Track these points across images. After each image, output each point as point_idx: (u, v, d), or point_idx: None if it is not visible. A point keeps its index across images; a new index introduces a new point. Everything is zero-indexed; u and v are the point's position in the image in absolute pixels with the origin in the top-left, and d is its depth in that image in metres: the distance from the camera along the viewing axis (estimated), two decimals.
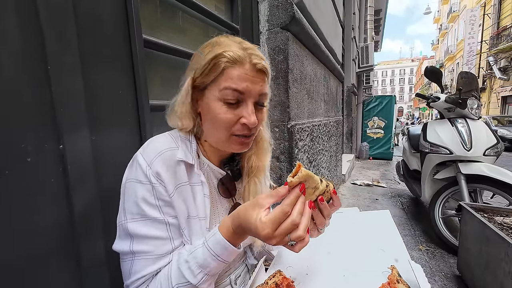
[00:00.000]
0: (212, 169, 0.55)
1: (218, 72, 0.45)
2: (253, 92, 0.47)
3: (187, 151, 0.49)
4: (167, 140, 0.49)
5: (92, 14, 0.60)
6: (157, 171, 0.44)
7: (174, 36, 0.97)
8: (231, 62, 0.45)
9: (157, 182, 0.44)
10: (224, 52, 0.44)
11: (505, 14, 14.38)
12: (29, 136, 0.48)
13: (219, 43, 0.47)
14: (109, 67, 0.64)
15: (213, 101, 0.47)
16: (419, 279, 0.52)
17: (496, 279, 1.15)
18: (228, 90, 0.45)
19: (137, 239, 0.44)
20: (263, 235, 0.38)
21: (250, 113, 0.47)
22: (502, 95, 14.17)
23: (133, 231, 0.44)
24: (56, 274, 0.53)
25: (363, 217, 0.94)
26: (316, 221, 0.46)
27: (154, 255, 0.44)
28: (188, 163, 0.48)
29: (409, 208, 2.73)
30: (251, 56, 0.46)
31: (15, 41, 0.46)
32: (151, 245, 0.44)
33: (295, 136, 1.46)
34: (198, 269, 0.42)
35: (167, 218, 0.45)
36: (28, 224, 0.48)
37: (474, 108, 1.92)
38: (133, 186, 0.45)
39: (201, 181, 0.49)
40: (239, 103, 0.47)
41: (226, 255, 0.43)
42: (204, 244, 0.43)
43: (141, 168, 0.44)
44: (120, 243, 0.46)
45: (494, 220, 1.33)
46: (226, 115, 0.46)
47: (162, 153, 0.45)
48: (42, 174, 0.50)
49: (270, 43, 1.42)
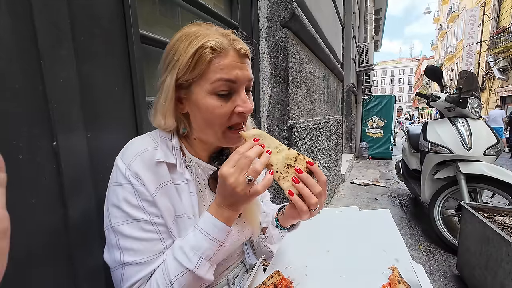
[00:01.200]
0: (201, 166, 0.53)
1: (204, 65, 0.42)
2: (243, 79, 0.46)
3: (168, 151, 0.47)
4: (145, 141, 0.47)
5: (87, 7, 0.58)
6: (136, 172, 0.43)
7: (172, 32, 0.96)
8: (216, 51, 0.42)
9: (137, 183, 0.42)
10: (206, 43, 0.42)
11: (505, 14, 14.39)
12: (22, 133, 0.47)
13: (195, 33, 0.43)
14: (105, 63, 0.63)
15: (203, 97, 0.44)
16: (421, 279, 0.51)
17: (496, 279, 1.15)
18: (221, 81, 0.43)
19: (125, 244, 0.42)
20: (223, 175, 0.41)
21: (245, 100, 0.46)
22: (501, 95, 14.20)
23: (120, 234, 0.42)
24: (49, 274, 0.52)
25: (363, 216, 0.93)
26: (303, 192, 0.44)
27: (146, 257, 0.43)
28: (169, 163, 0.46)
29: (408, 207, 2.72)
30: (233, 42, 0.44)
31: (7, 35, 0.44)
32: (141, 248, 0.42)
33: (295, 135, 1.45)
34: (191, 251, 0.42)
35: (152, 219, 0.44)
36: (20, 223, 0.47)
37: (475, 107, 1.91)
38: (114, 190, 0.44)
39: (186, 179, 0.48)
40: (231, 93, 0.45)
41: (217, 233, 0.43)
42: (195, 227, 0.44)
43: (121, 171, 0.43)
44: (108, 253, 0.45)
45: (494, 220, 1.33)
46: (221, 109, 0.45)
47: (141, 154, 0.44)
48: (35, 171, 0.49)
49: (270, 40, 1.40)
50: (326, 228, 0.84)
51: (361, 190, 3.34)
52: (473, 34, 17.36)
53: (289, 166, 0.46)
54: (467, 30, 17.58)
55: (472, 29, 17.37)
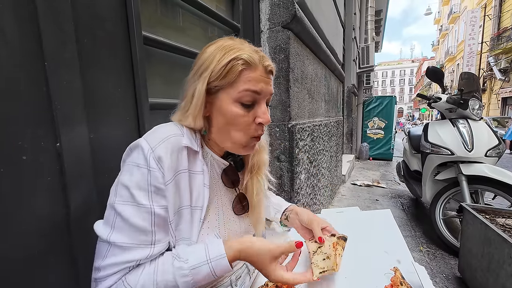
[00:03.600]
0: (215, 160, 0.56)
1: (235, 74, 0.47)
2: (266, 93, 0.50)
3: (192, 139, 0.50)
4: (172, 127, 0.49)
5: (91, 9, 0.59)
6: (159, 156, 0.43)
7: (174, 33, 0.96)
8: (247, 64, 0.47)
9: (156, 167, 0.43)
10: (240, 55, 0.46)
11: (506, 15, 14.37)
12: (25, 134, 0.47)
13: (230, 46, 0.48)
14: (108, 64, 0.63)
15: (228, 104, 0.48)
16: (423, 281, 0.51)
17: (498, 281, 1.14)
18: (248, 91, 0.47)
19: (119, 225, 0.42)
20: (279, 281, 0.47)
21: (265, 112, 0.50)
22: (502, 96, 14.17)
23: (119, 213, 0.42)
24: (51, 274, 0.52)
25: (364, 217, 0.93)
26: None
27: (129, 243, 0.42)
28: (193, 149, 0.49)
29: (409, 209, 2.71)
30: (262, 59, 0.49)
31: (12, 37, 0.45)
32: (130, 233, 0.42)
33: (296, 136, 1.45)
34: (188, 276, 0.42)
35: (154, 207, 0.43)
36: (23, 224, 0.47)
37: (476, 108, 1.91)
38: (129, 169, 0.44)
39: (202, 169, 0.50)
40: (253, 104, 0.50)
41: (219, 271, 0.45)
42: (208, 263, 0.44)
43: (143, 152, 0.43)
44: (101, 226, 0.44)
45: (496, 222, 1.32)
46: (243, 117, 0.49)
47: (168, 139, 0.46)
48: (38, 172, 0.49)
49: (271, 42, 1.41)
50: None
51: (362, 191, 3.33)
52: (474, 35, 17.34)
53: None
54: (468, 31, 17.56)
55: (473, 30, 17.36)
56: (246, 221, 0.61)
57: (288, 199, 1.45)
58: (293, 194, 1.45)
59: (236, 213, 0.59)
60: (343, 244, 0.59)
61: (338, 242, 0.59)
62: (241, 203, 0.60)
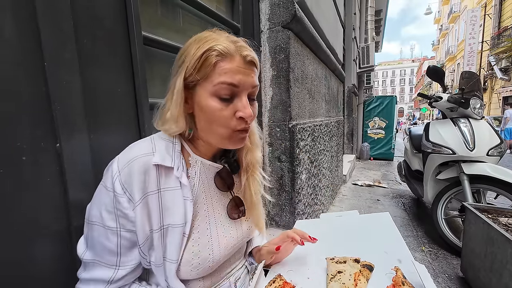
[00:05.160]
0: (206, 166, 0.53)
1: (209, 67, 0.44)
2: (246, 85, 0.46)
3: (166, 154, 0.47)
4: (144, 145, 0.47)
5: (90, 10, 0.59)
6: (125, 179, 0.43)
7: (174, 34, 0.96)
8: (222, 55, 0.44)
9: (121, 192, 0.42)
10: (214, 46, 0.43)
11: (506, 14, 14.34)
12: (25, 134, 0.47)
13: (206, 38, 0.45)
14: (108, 64, 0.63)
15: (206, 98, 0.45)
16: (424, 280, 0.50)
17: (501, 281, 1.13)
18: (223, 84, 0.44)
19: (92, 242, 0.45)
20: None
21: (245, 106, 0.46)
22: (503, 96, 14.12)
23: (90, 231, 0.45)
24: (51, 275, 0.52)
25: (363, 220, 0.93)
26: None
27: (100, 262, 0.44)
28: (165, 166, 0.46)
29: (411, 209, 2.70)
30: (240, 48, 0.46)
31: (11, 37, 0.45)
32: (99, 251, 0.44)
33: (296, 136, 1.45)
34: None
35: (120, 231, 0.44)
36: (23, 225, 0.47)
37: (477, 107, 1.90)
38: (100, 189, 0.45)
39: (180, 183, 0.47)
40: (233, 97, 0.46)
41: None
42: None
43: (112, 175, 0.43)
44: (81, 241, 0.47)
45: (499, 221, 1.32)
46: (222, 112, 0.45)
47: (135, 159, 0.44)
48: (38, 173, 0.49)
49: (271, 42, 1.41)
50: (328, 232, 0.84)
51: (363, 191, 3.32)
52: (474, 34, 17.30)
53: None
54: (468, 31, 17.53)
55: (473, 30, 17.33)
56: (244, 225, 0.59)
57: (289, 199, 1.45)
58: (294, 194, 1.44)
59: (232, 218, 0.57)
60: (367, 275, 0.54)
61: (362, 272, 0.54)
62: (238, 207, 0.58)
